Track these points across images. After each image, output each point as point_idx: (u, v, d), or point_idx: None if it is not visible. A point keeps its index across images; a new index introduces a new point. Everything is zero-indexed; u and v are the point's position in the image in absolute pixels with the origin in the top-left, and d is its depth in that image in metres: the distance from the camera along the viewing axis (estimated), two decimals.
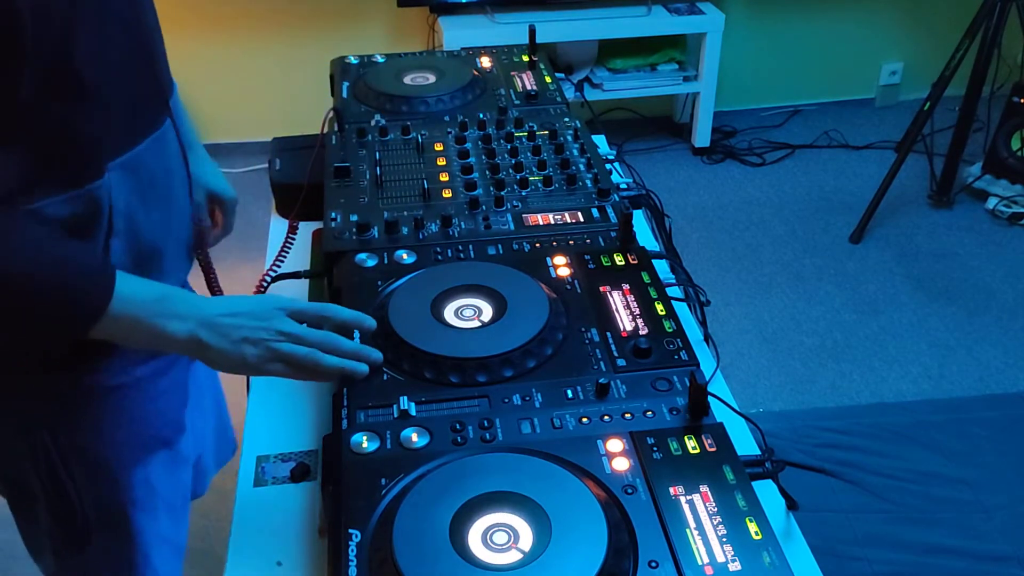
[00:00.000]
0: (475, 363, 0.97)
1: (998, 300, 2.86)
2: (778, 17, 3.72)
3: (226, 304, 0.95)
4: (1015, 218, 3.22)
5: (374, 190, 1.28)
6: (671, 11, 3.36)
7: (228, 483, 1.78)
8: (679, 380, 0.96)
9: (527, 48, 1.69)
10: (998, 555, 1.98)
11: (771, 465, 0.93)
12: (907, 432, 2.31)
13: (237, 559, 0.92)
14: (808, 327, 2.76)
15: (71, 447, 1.06)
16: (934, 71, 3.14)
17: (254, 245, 1.09)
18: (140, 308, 0.91)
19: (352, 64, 1.65)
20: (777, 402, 2.48)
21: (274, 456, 1.04)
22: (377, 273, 1.12)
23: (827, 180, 3.51)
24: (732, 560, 0.76)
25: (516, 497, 0.81)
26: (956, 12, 3.37)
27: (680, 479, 0.83)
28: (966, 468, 2.20)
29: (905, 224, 3.23)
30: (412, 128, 1.43)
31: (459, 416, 0.91)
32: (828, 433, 2.31)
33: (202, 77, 3.43)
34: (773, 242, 3.16)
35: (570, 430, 0.90)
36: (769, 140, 3.73)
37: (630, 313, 1.05)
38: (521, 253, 1.16)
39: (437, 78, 1.57)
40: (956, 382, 2.54)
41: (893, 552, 1.99)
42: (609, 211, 1.24)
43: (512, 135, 1.41)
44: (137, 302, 0.91)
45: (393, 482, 0.84)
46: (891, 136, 3.68)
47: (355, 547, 0.77)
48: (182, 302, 0.94)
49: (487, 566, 0.76)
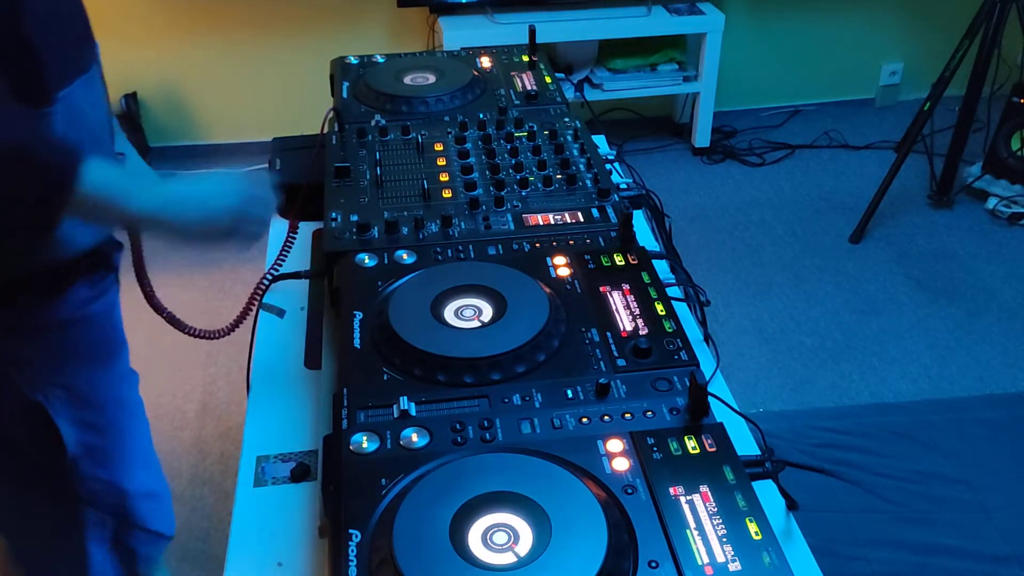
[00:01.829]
0: (475, 363, 0.97)
1: (998, 300, 2.86)
2: (778, 17, 3.72)
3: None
4: (1015, 218, 3.22)
5: (374, 190, 1.28)
6: (671, 11, 3.36)
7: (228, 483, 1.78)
8: (679, 380, 0.96)
9: (527, 48, 1.69)
10: (998, 555, 1.98)
11: (771, 465, 0.93)
12: (907, 432, 2.31)
13: (237, 559, 0.92)
14: (808, 327, 2.76)
15: (41, 379, 1.13)
16: (934, 71, 3.14)
17: (254, 245, 1.10)
18: (111, 179, 0.99)
19: (352, 64, 1.65)
20: (777, 402, 2.48)
21: (274, 456, 1.04)
22: (377, 273, 1.12)
23: (827, 180, 3.51)
24: (732, 560, 0.76)
25: (516, 497, 0.81)
26: (956, 12, 3.37)
27: (680, 479, 0.83)
28: (966, 468, 2.20)
29: (905, 224, 3.23)
30: (412, 128, 1.43)
31: (459, 416, 0.91)
32: (828, 433, 2.31)
33: (203, 77, 3.44)
34: (773, 242, 3.16)
35: (570, 430, 0.90)
36: (769, 140, 3.73)
37: (630, 313, 1.05)
38: (521, 253, 1.16)
39: (437, 78, 1.57)
40: (956, 382, 2.53)
41: (893, 552, 1.99)
42: (609, 211, 1.24)
43: (512, 135, 1.41)
44: (107, 173, 0.99)
45: (393, 482, 0.84)
46: (891, 136, 3.68)
47: (355, 547, 0.77)
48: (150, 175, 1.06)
49: (487, 566, 0.76)
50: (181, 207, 1.03)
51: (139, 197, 1.01)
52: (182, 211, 1.03)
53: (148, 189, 1.03)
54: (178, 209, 1.03)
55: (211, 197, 1.06)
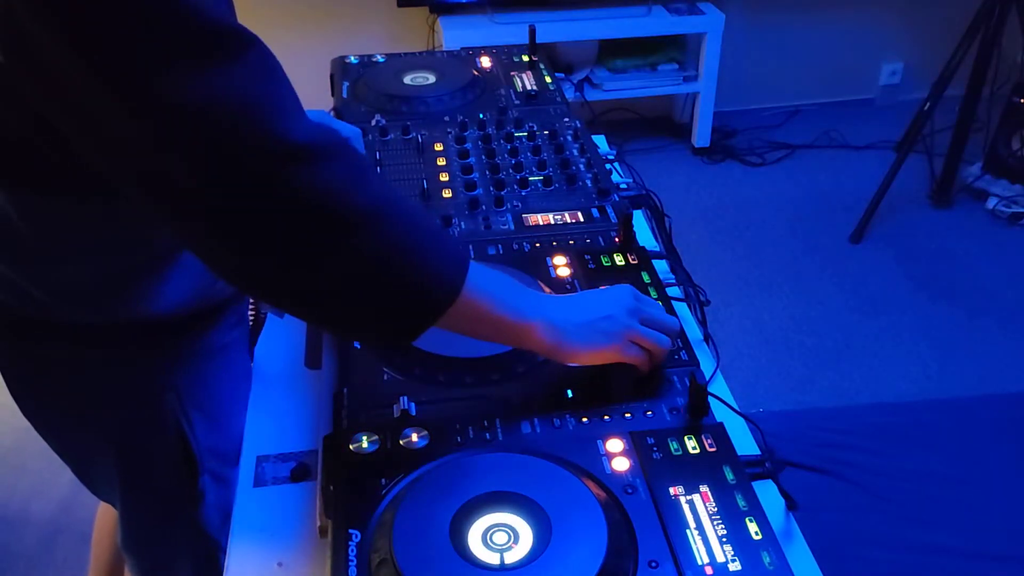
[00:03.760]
0: (475, 363, 0.97)
1: (998, 300, 2.86)
2: (778, 17, 3.72)
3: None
4: (1015, 218, 3.22)
5: None
6: (671, 11, 3.36)
7: None
8: (679, 380, 0.96)
9: (527, 48, 1.69)
10: (998, 555, 1.98)
11: (771, 465, 0.93)
12: (907, 432, 2.31)
13: (237, 559, 0.92)
14: (808, 327, 2.76)
15: (192, 404, 1.09)
16: (934, 71, 3.14)
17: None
18: (492, 287, 0.86)
19: (352, 64, 1.65)
20: (777, 402, 2.48)
21: (274, 456, 1.03)
22: None
23: (827, 180, 3.51)
24: (732, 560, 0.76)
25: (516, 497, 0.81)
26: (956, 12, 3.37)
27: (680, 479, 0.83)
28: (966, 468, 2.19)
29: (905, 224, 3.23)
30: (412, 128, 1.43)
31: (459, 416, 0.91)
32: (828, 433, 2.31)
33: None
34: (773, 242, 3.16)
35: (570, 430, 0.90)
36: (769, 140, 3.73)
37: None
38: (521, 253, 1.16)
39: (437, 78, 1.57)
40: (956, 382, 2.53)
41: (893, 552, 1.99)
42: (609, 211, 1.24)
43: (512, 135, 1.41)
44: (487, 279, 0.86)
45: (393, 482, 0.84)
46: (891, 136, 3.67)
47: (355, 547, 0.77)
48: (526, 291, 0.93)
49: (487, 566, 0.75)
50: (564, 313, 0.91)
51: (518, 306, 0.88)
52: (565, 317, 0.90)
53: (527, 297, 0.91)
54: (560, 315, 0.90)
55: (600, 304, 0.94)
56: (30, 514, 2.18)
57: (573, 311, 0.92)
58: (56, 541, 2.11)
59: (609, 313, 0.93)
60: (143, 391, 1.07)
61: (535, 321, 0.88)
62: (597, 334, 0.91)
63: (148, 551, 1.26)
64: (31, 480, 2.25)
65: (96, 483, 1.24)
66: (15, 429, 2.33)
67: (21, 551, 2.09)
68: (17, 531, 2.14)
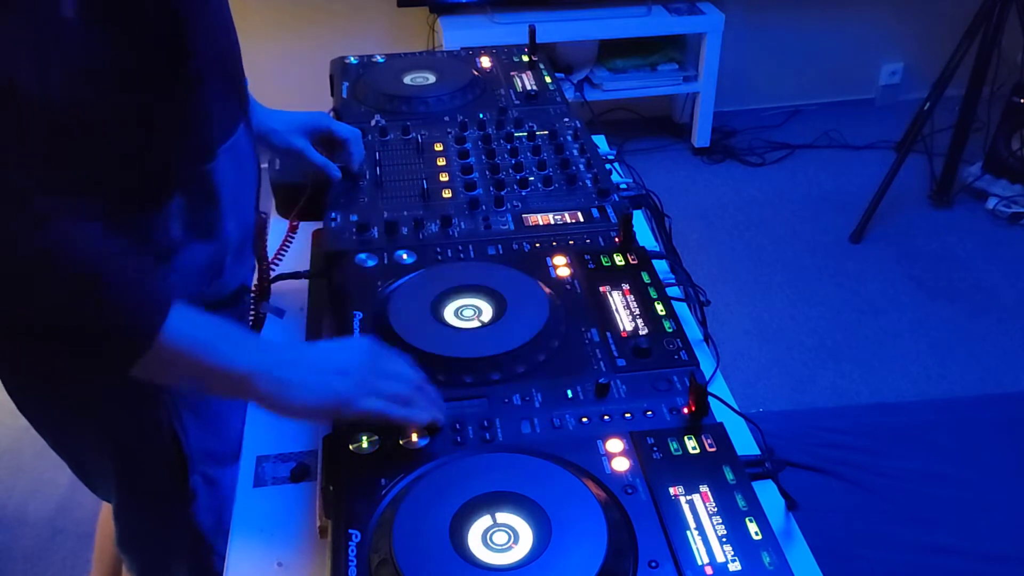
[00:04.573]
0: (475, 363, 0.97)
1: (998, 300, 2.86)
2: (778, 17, 3.72)
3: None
4: (1015, 218, 3.22)
5: (374, 190, 1.28)
6: (671, 11, 3.36)
7: None
8: (679, 380, 0.96)
9: (527, 48, 1.69)
10: (998, 555, 1.98)
11: (771, 465, 0.93)
12: (907, 432, 2.31)
13: (237, 559, 0.92)
14: (808, 327, 2.76)
15: (185, 406, 1.09)
16: (934, 71, 3.14)
17: None
18: (203, 335, 0.85)
19: (352, 64, 1.65)
20: (777, 402, 2.48)
21: (274, 456, 1.03)
22: (377, 273, 1.12)
23: (827, 180, 3.51)
24: (732, 560, 0.76)
25: (516, 497, 0.81)
26: (956, 12, 3.37)
27: (680, 479, 0.83)
28: (966, 468, 2.19)
29: (905, 224, 3.23)
30: (412, 128, 1.43)
31: (459, 416, 0.91)
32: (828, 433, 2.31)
33: None
34: (773, 242, 3.16)
35: (570, 430, 0.90)
36: (769, 140, 3.73)
37: (630, 313, 1.05)
38: (521, 253, 1.16)
39: (437, 78, 1.57)
40: (956, 382, 2.53)
41: (893, 552, 1.99)
42: (609, 211, 1.24)
43: (512, 135, 1.41)
44: (196, 327, 0.84)
45: (393, 482, 0.84)
46: (891, 136, 3.67)
47: (355, 547, 0.77)
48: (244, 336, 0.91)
49: (487, 566, 0.75)
50: (288, 366, 0.87)
51: (231, 354, 0.85)
52: (289, 370, 0.86)
53: (245, 346, 0.87)
54: (281, 372, 0.86)
55: (330, 359, 0.89)
56: (28, 514, 2.18)
57: (300, 364, 0.88)
58: (54, 541, 2.11)
59: (342, 367, 0.88)
60: (138, 391, 1.06)
61: (251, 371, 0.85)
62: (323, 390, 0.87)
63: (143, 550, 1.26)
64: (29, 480, 2.25)
65: (93, 481, 1.24)
66: (13, 429, 2.33)
67: (19, 551, 2.09)
68: (15, 531, 2.14)
